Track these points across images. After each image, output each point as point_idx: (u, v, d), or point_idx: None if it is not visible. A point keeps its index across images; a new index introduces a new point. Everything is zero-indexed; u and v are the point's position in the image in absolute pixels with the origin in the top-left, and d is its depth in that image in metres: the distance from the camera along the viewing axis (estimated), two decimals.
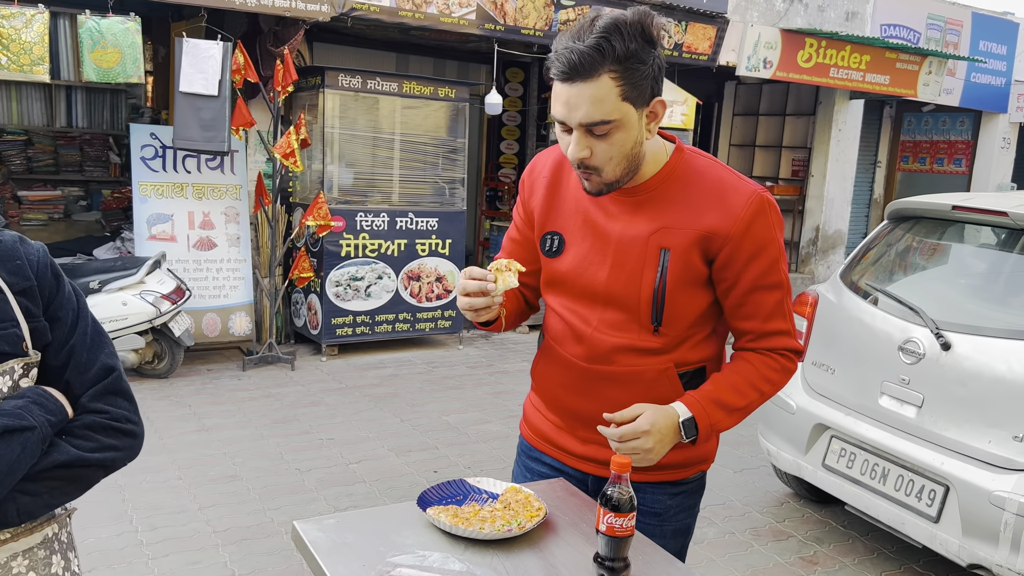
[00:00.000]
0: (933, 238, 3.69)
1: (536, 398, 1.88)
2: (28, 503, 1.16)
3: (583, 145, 1.50)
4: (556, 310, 1.75)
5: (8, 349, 1.17)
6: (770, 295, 1.62)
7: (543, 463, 1.84)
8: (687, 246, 1.58)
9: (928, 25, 10.07)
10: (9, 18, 4.92)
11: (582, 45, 1.42)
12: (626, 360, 1.65)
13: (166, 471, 4.05)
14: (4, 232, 1.25)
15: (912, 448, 3.15)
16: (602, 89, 1.44)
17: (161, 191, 5.95)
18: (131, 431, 1.28)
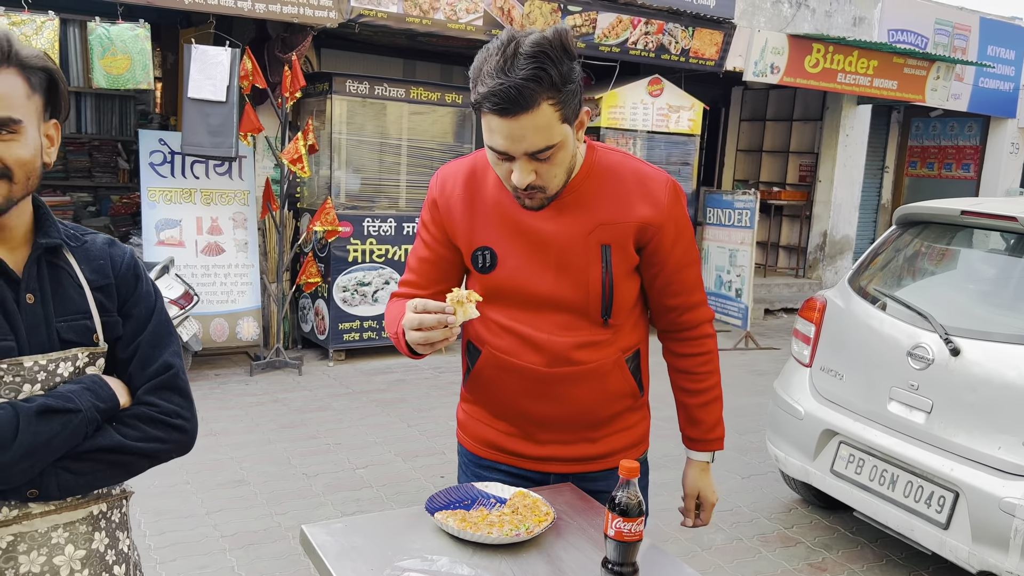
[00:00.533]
0: (942, 243, 3.67)
1: (474, 409, 1.86)
2: (69, 480, 1.24)
3: (528, 170, 1.52)
4: (501, 323, 1.72)
5: (76, 338, 1.28)
6: (691, 271, 1.77)
7: (497, 471, 1.83)
8: (624, 239, 1.66)
9: (936, 30, 10.05)
10: (19, 25, 4.96)
11: (518, 79, 1.40)
12: (584, 356, 1.69)
13: (174, 475, 4.06)
14: (97, 235, 1.38)
15: (921, 454, 3.13)
16: (543, 118, 1.45)
17: (169, 197, 5.98)
18: (180, 426, 1.35)
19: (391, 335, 1.69)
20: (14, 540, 1.24)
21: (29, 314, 1.25)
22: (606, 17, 7.02)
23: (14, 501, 1.23)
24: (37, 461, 1.19)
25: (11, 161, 1.19)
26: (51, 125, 1.29)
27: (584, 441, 1.77)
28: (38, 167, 1.25)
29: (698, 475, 1.88)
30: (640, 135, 7.68)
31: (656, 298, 1.78)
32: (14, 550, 1.24)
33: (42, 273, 1.28)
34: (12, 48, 1.19)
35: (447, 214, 1.72)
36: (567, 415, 1.74)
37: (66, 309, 1.29)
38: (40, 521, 1.26)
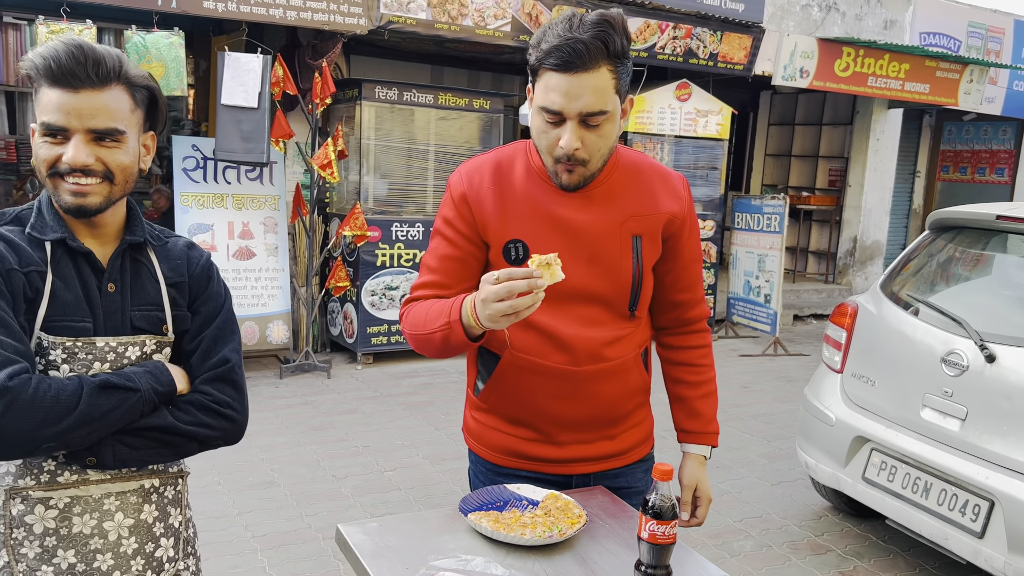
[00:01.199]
0: (976, 248, 3.63)
1: (488, 417, 1.82)
2: (123, 452, 1.36)
3: (577, 136, 1.53)
4: (527, 321, 1.62)
5: (146, 327, 1.44)
6: (698, 266, 1.84)
7: (518, 477, 1.80)
8: (655, 230, 1.70)
9: (969, 33, 9.92)
10: (58, 33, 5.06)
11: (585, 36, 1.46)
12: (612, 353, 1.71)
13: (206, 476, 4.12)
14: (180, 238, 1.56)
15: (956, 462, 3.09)
16: (602, 80, 1.50)
17: (202, 201, 6.07)
18: (230, 416, 1.48)
19: (429, 332, 1.60)
20: (71, 502, 1.38)
21: (108, 301, 1.41)
22: (634, 22, 7.02)
23: (75, 467, 1.37)
24: (94, 430, 1.31)
25: (114, 166, 1.36)
26: (148, 136, 1.46)
27: (604, 439, 1.79)
28: (134, 172, 1.42)
29: (696, 469, 1.86)
30: (668, 139, 7.66)
31: (664, 294, 1.81)
32: (69, 511, 1.38)
33: (125, 266, 1.45)
34: (123, 68, 1.36)
35: (478, 207, 1.68)
36: (590, 414, 1.75)
37: (141, 300, 1.45)
38: (95, 488, 1.40)
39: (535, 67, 1.53)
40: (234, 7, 5.41)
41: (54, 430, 1.25)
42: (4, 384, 1.21)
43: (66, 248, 1.39)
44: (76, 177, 1.33)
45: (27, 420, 1.22)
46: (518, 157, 1.70)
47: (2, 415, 1.21)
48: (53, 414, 1.24)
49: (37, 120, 1.34)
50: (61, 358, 1.35)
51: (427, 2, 6.08)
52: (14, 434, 1.22)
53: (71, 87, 1.31)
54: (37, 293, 1.34)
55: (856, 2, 9.02)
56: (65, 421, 1.26)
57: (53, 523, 1.37)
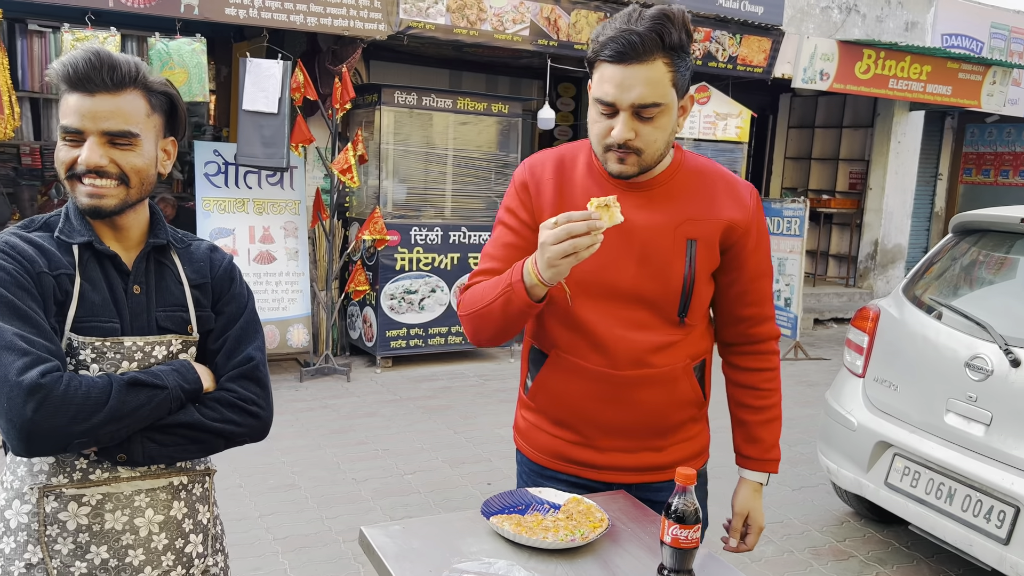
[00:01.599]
0: (1000, 252, 3.59)
1: (535, 417, 1.83)
2: (153, 449, 1.39)
3: (630, 127, 1.53)
4: (573, 319, 1.67)
5: (172, 327, 1.48)
6: (767, 281, 1.78)
7: (558, 480, 1.80)
8: (711, 236, 1.66)
9: (992, 34, 9.82)
10: (82, 40, 5.14)
11: (640, 28, 1.47)
12: (658, 360, 1.68)
13: (228, 479, 4.15)
14: (203, 241, 1.61)
15: (980, 467, 3.06)
16: (657, 72, 1.50)
17: (223, 206, 6.13)
18: (255, 413, 1.51)
19: (488, 304, 1.61)
20: (102, 499, 1.42)
21: (134, 302, 1.45)
22: None
23: (106, 464, 1.41)
24: (123, 426, 1.34)
25: (128, 168, 1.40)
26: (169, 142, 1.51)
27: (648, 450, 1.75)
28: (151, 175, 1.46)
29: (750, 496, 1.84)
30: (687, 142, 7.64)
31: (729, 307, 1.78)
32: (101, 508, 1.42)
33: (149, 268, 1.49)
34: (139, 73, 1.41)
35: (537, 197, 1.71)
36: (632, 421, 1.72)
37: (166, 301, 1.49)
38: (126, 485, 1.44)
39: (592, 59, 1.55)
40: (255, 14, 5.46)
41: (85, 426, 1.29)
42: (37, 381, 1.25)
43: (93, 251, 1.43)
44: (91, 179, 1.38)
45: (59, 416, 1.26)
46: (581, 153, 1.73)
47: (35, 411, 1.25)
48: (84, 410, 1.28)
49: (61, 123, 1.39)
50: (91, 358, 1.39)
51: (446, 7, 6.11)
52: (47, 430, 1.26)
53: (87, 91, 1.36)
54: (67, 295, 1.38)
55: (877, 4, 8.96)
56: (96, 417, 1.29)
57: (86, 520, 1.41)
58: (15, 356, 1.26)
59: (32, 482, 1.40)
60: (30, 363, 1.26)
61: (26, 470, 1.41)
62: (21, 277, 1.33)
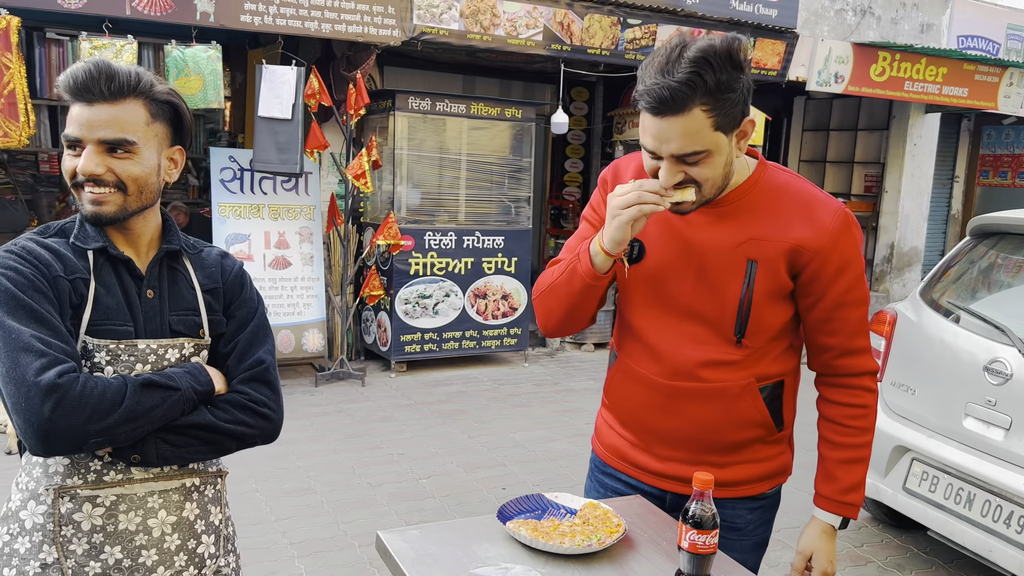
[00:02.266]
0: (1019, 255, 3.56)
1: (608, 415, 1.86)
2: (166, 450, 1.42)
3: (675, 172, 1.50)
4: (632, 324, 1.72)
5: (184, 330, 1.52)
6: (855, 311, 1.64)
7: (618, 480, 1.83)
8: (775, 258, 1.59)
9: (1008, 36, 9.74)
10: (100, 48, 5.19)
11: (673, 81, 1.40)
12: (710, 375, 1.64)
13: (244, 483, 4.17)
14: (213, 248, 1.65)
15: (1000, 472, 3.03)
16: (694, 123, 1.44)
17: (239, 212, 6.16)
18: (266, 414, 1.53)
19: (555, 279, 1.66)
20: (116, 500, 1.44)
21: (147, 306, 1.49)
22: (666, 30, 7.01)
23: (120, 466, 1.44)
24: (138, 427, 1.37)
25: (124, 176, 1.42)
26: (175, 150, 1.54)
27: (706, 464, 1.70)
28: (151, 183, 1.47)
29: (817, 536, 1.72)
30: None
31: (811, 333, 1.70)
32: (116, 508, 1.44)
33: (162, 273, 1.53)
34: (140, 82, 1.43)
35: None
36: (686, 433, 1.70)
37: (179, 305, 1.52)
38: (140, 486, 1.46)
39: (634, 102, 1.51)
40: (270, 20, 5.50)
41: (101, 425, 1.31)
42: (54, 382, 1.28)
43: (107, 256, 1.47)
44: (91, 187, 1.41)
45: (76, 415, 1.29)
46: None
47: (53, 410, 1.27)
48: (100, 410, 1.31)
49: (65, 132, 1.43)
50: (105, 360, 1.42)
51: (459, 12, 6.13)
52: (64, 429, 1.29)
53: (87, 101, 1.40)
54: (82, 299, 1.41)
55: (892, 6, 8.91)
56: (111, 417, 1.32)
57: (100, 520, 1.43)
58: (33, 357, 1.29)
59: (47, 483, 1.42)
60: (47, 364, 1.29)
61: (41, 471, 1.43)
62: (38, 281, 1.36)
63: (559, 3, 6.51)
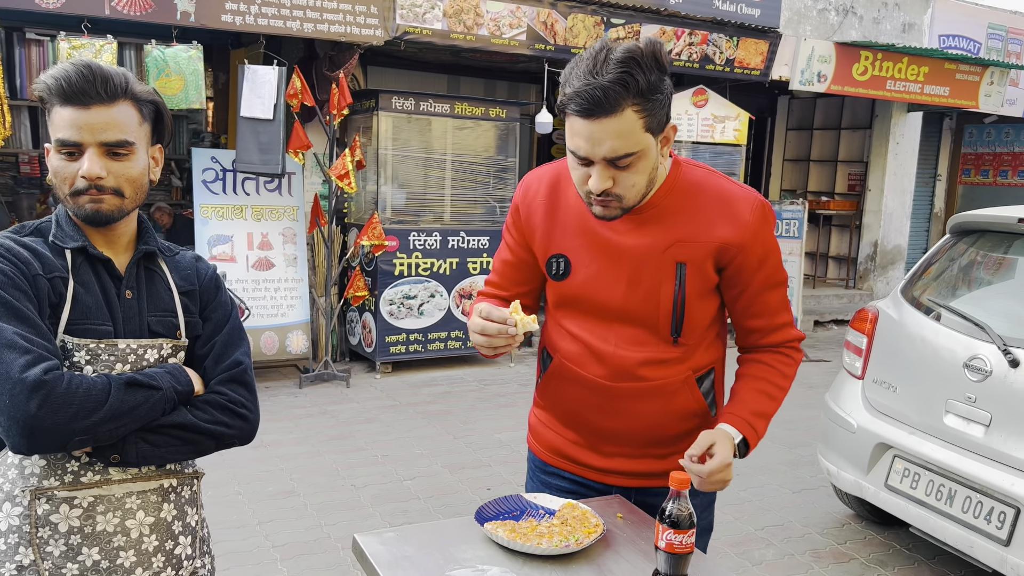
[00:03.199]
0: (998, 252, 3.58)
1: (545, 415, 1.88)
2: (146, 450, 1.42)
3: (606, 176, 1.50)
4: (569, 331, 1.74)
5: (162, 331, 1.52)
6: (775, 293, 1.71)
7: (562, 477, 1.85)
8: (702, 258, 1.63)
9: (989, 35, 9.83)
10: (79, 48, 5.14)
11: (604, 80, 1.40)
12: (651, 373, 1.67)
13: (226, 486, 4.14)
14: (187, 251, 1.66)
15: (980, 468, 3.05)
16: (626, 123, 1.44)
17: (221, 213, 6.12)
18: (244, 415, 1.54)
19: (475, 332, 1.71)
20: (94, 501, 1.44)
21: (126, 306, 1.49)
22: (649, 29, 7.02)
23: (98, 466, 1.43)
24: (121, 425, 1.37)
25: (123, 178, 1.44)
26: (156, 149, 1.55)
27: (649, 457, 1.75)
28: (144, 184, 1.50)
29: (720, 435, 1.59)
30: (685, 146, 7.64)
31: (738, 319, 1.75)
32: (93, 510, 1.44)
33: (140, 274, 1.53)
34: (128, 84, 1.45)
35: (527, 219, 1.75)
36: (631, 430, 1.73)
37: (156, 306, 1.53)
38: (118, 487, 1.46)
39: (562, 107, 1.50)
40: (252, 20, 5.47)
41: (86, 423, 1.31)
42: (40, 378, 1.28)
43: (86, 256, 1.47)
44: (93, 193, 1.42)
45: (61, 413, 1.29)
46: None
47: (39, 407, 1.27)
48: (85, 408, 1.31)
49: (52, 139, 1.41)
50: (85, 359, 1.42)
51: (443, 12, 6.11)
52: (49, 426, 1.29)
53: (82, 104, 1.39)
54: (60, 298, 1.41)
55: (874, 5, 8.96)
56: (96, 415, 1.32)
57: (78, 522, 1.42)
58: (17, 354, 1.29)
59: (23, 484, 1.41)
60: (32, 360, 1.29)
61: (16, 473, 1.42)
62: (17, 279, 1.36)
63: (543, 3, 6.51)
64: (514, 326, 1.54)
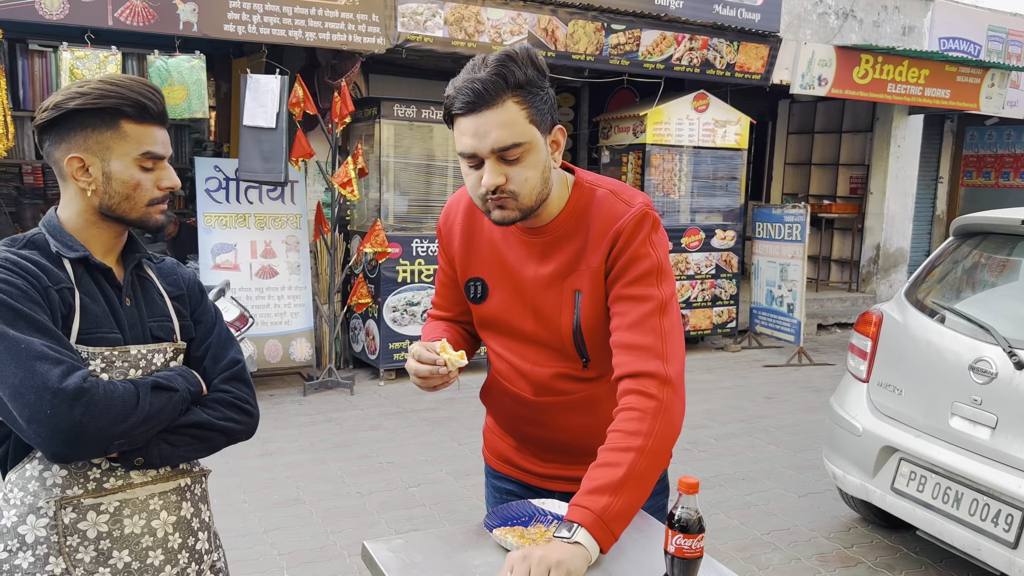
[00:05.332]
0: (1002, 254, 3.58)
1: (492, 423, 1.94)
2: (168, 451, 1.47)
3: (497, 172, 1.50)
4: (495, 349, 1.79)
5: (163, 336, 1.57)
6: (634, 306, 1.53)
7: (510, 482, 1.90)
8: (594, 284, 1.60)
9: (989, 37, 9.84)
10: (83, 59, 5.17)
11: (483, 75, 1.46)
12: (569, 388, 1.70)
13: (232, 494, 4.14)
14: (166, 258, 1.70)
15: (987, 471, 3.04)
16: (509, 113, 1.48)
17: (225, 221, 6.14)
18: (248, 410, 1.61)
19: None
20: (120, 505, 1.48)
21: (128, 314, 1.53)
22: (650, 34, 7.04)
23: (120, 471, 1.47)
24: (151, 428, 1.43)
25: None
26: None
27: (584, 464, 1.63)
28: None
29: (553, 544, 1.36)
30: (686, 151, 7.65)
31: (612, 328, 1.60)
32: (120, 514, 1.48)
33: (135, 283, 1.58)
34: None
35: (448, 243, 1.79)
36: (561, 441, 1.77)
37: (154, 312, 1.58)
38: (140, 490, 1.50)
39: (447, 116, 1.53)
40: (254, 29, 5.49)
41: (123, 427, 1.37)
42: (80, 386, 1.32)
43: (85, 266, 1.49)
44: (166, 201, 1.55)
45: (104, 418, 1.34)
46: None
47: (84, 414, 1.31)
48: (124, 412, 1.36)
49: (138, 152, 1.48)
50: (100, 367, 1.45)
51: (444, 20, 6.13)
52: (93, 431, 1.33)
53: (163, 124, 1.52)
54: (70, 309, 1.44)
55: (873, 9, 8.98)
56: (131, 418, 1.38)
57: (106, 527, 1.46)
58: (50, 364, 1.31)
59: (47, 496, 1.43)
60: (68, 369, 1.32)
61: (38, 485, 1.43)
62: (32, 292, 1.38)
63: (543, 9, 6.53)
64: (444, 365, 1.58)
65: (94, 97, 1.43)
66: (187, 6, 5.26)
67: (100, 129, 1.44)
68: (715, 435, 5.39)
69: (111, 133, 1.45)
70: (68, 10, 5.00)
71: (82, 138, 1.44)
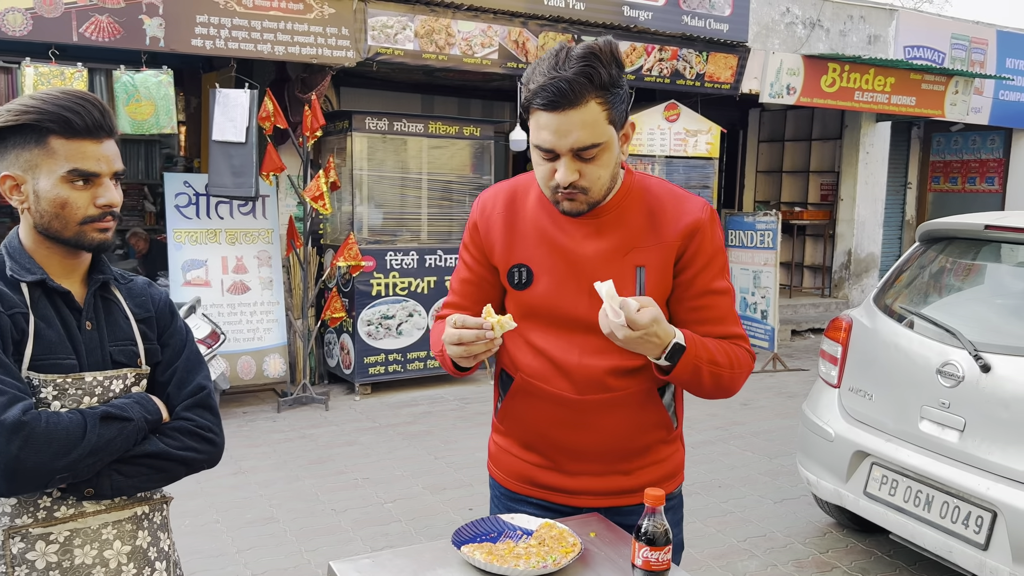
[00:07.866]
0: (967, 259, 3.63)
1: (505, 440, 1.85)
2: (120, 481, 1.43)
3: (572, 169, 1.54)
4: (534, 344, 1.71)
5: (125, 360, 1.51)
6: (721, 299, 1.68)
7: (528, 503, 1.80)
8: (662, 260, 1.64)
9: (952, 45, 10.02)
10: (47, 76, 5.10)
11: (568, 74, 1.46)
12: (618, 384, 1.67)
13: (204, 514, 4.08)
14: (138, 277, 1.64)
15: (956, 473, 3.07)
16: (591, 114, 1.50)
17: (195, 237, 6.08)
18: (211, 439, 1.55)
19: (436, 355, 1.74)
20: (70, 535, 1.43)
21: (88, 338, 1.48)
22: (620, 46, 7.08)
23: (71, 500, 1.42)
24: (99, 460, 1.38)
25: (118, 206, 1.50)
26: None
27: (617, 473, 1.73)
28: None
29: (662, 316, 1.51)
30: (658, 160, 7.70)
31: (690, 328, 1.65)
32: (70, 544, 1.43)
33: (98, 305, 1.52)
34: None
35: (486, 234, 1.75)
36: (598, 445, 1.71)
37: (116, 335, 1.52)
38: (92, 519, 1.45)
39: (526, 105, 1.54)
40: (222, 44, 5.46)
41: (66, 461, 1.32)
42: (19, 419, 1.27)
43: (43, 289, 1.44)
44: (107, 220, 1.46)
45: (43, 453, 1.29)
46: (533, 185, 1.73)
47: (21, 448, 1.27)
48: (66, 445, 1.31)
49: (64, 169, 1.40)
50: (52, 395, 1.40)
51: (414, 32, 6.14)
52: (32, 467, 1.28)
53: (96, 137, 1.43)
54: (22, 334, 1.39)
55: (840, 18, 9.11)
56: (75, 452, 1.33)
57: (55, 557, 1.41)
58: None
59: None
60: (8, 401, 1.28)
61: None
62: None
63: (514, 22, 6.56)
64: (491, 329, 1.53)
65: (15, 114, 1.39)
66: (154, 21, 5.22)
67: (28, 147, 1.40)
68: (691, 443, 5.40)
69: (39, 150, 1.40)
70: (32, 26, 4.94)
71: (14, 156, 1.41)
